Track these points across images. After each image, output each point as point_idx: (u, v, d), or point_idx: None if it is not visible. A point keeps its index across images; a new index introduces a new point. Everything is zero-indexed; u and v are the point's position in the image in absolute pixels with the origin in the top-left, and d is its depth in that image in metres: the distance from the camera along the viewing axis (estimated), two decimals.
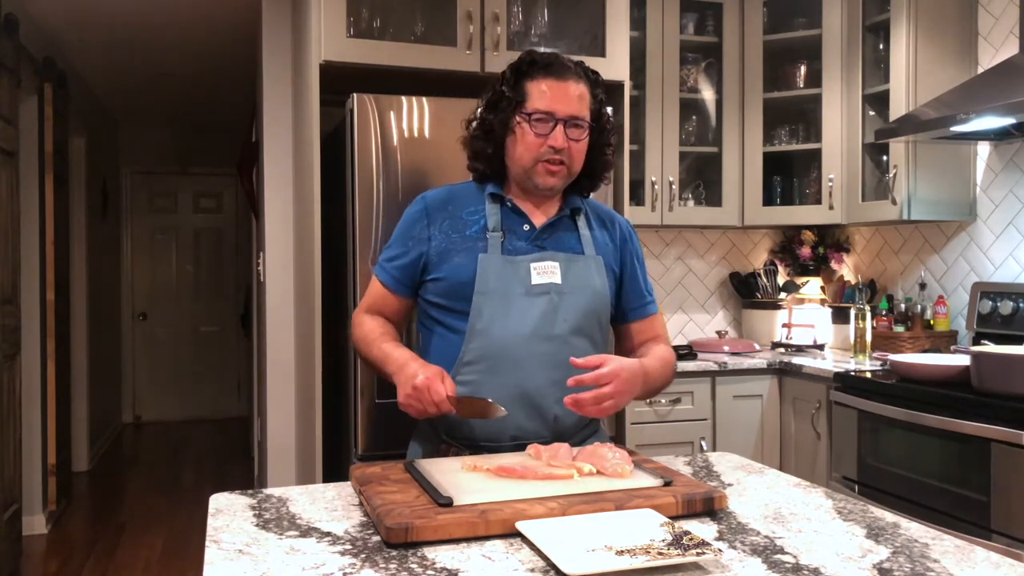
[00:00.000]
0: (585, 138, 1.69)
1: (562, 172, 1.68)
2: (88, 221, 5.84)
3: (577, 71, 1.69)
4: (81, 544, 4.36)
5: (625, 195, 3.05)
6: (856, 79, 3.45)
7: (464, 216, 1.72)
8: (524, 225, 1.71)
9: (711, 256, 4.09)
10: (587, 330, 1.70)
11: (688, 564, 1.06)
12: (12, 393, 3.86)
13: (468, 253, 1.67)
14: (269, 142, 3.70)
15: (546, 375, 1.62)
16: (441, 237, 1.70)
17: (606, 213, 1.85)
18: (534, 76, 1.67)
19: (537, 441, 1.61)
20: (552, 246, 1.71)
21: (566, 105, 1.65)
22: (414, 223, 1.74)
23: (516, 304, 1.64)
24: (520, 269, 1.66)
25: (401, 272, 1.74)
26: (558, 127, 1.65)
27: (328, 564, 1.09)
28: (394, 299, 1.76)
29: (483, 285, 1.64)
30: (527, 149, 1.66)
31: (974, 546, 1.16)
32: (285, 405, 3.66)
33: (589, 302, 1.69)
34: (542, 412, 1.64)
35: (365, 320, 1.78)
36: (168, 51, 5.12)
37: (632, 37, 3.20)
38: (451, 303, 1.67)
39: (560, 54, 1.72)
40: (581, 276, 1.69)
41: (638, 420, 3.21)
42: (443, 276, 1.68)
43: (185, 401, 7.79)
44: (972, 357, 2.50)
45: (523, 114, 1.66)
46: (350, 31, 2.80)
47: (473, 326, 1.64)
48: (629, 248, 1.82)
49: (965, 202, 3.30)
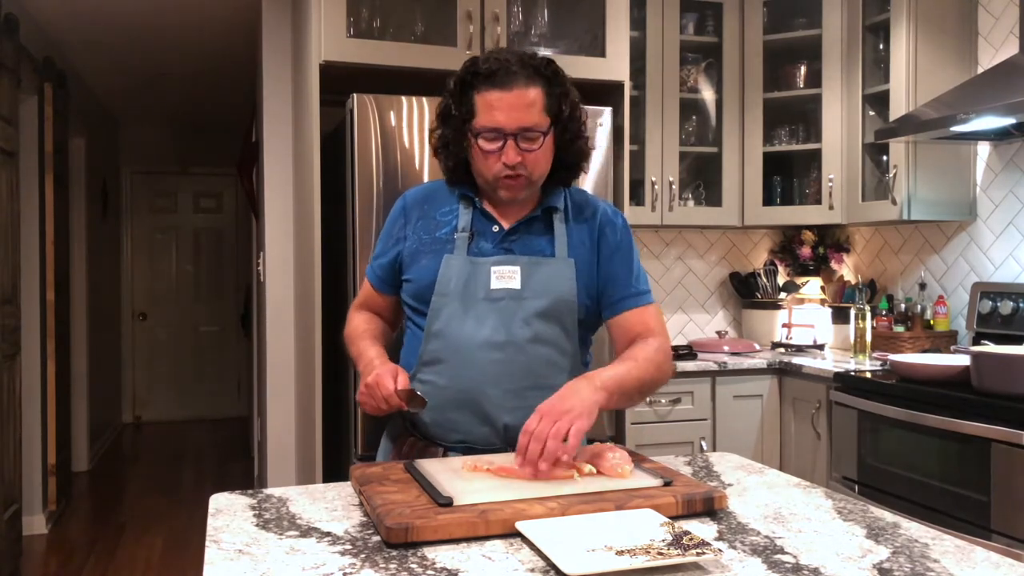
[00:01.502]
0: (541, 146, 1.58)
1: (522, 183, 1.60)
2: (88, 221, 5.84)
3: (526, 73, 1.56)
4: (81, 544, 4.36)
5: (625, 195, 3.06)
6: (856, 79, 3.45)
7: (438, 216, 1.69)
8: (493, 227, 1.66)
9: (711, 256, 4.09)
10: (549, 337, 1.62)
11: (688, 564, 1.06)
12: (12, 393, 3.86)
13: (435, 255, 1.64)
14: (269, 142, 3.70)
15: (498, 382, 1.58)
16: (414, 238, 1.68)
17: (589, 204, 1.72)
18: (479, 88, 1.56)
19: (485, 448, 1.58)
20: (519, 249, 1.64)
21: (515, 118, 1.54)
22: (394, 222, 1.74)
23: (474, 308, 1.60)
24: (481, 272, 1.61)
25: (383, 271, 1.74)
26: (509, 143, 1.55)
27: (328, 564, 1.09)
28: (379, 297, 1.77)
29: (443, 287, 1.61)
30: (482, 167, 1.60)
31: (974, 546, 1.16)
32: (285, 405, 3.66)
33: (550, 308, 1.61)
34: (491, 420, 1.60)
35: (354, 316, 1.80)
36: (168, 51, 5.12)
37: (632, 37, 3.20)
38: (419, 304, 1.66)
39: (508, 58, 1.57)
40: (545, 280, 1.62)
41: (638, 420, 3.21)
42: (412, 278, 1.67)
43: (185, 401, 7.80)
44: (972, 357, 2.50)
45: (472, 132, 1.58)
46: (350, 31, 2.80)
47: (430, 327, 1.62)
48: (607, 239, 1.69)
49: (965, 202, 3.30)
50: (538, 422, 1.38)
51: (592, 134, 2.94)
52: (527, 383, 1.60)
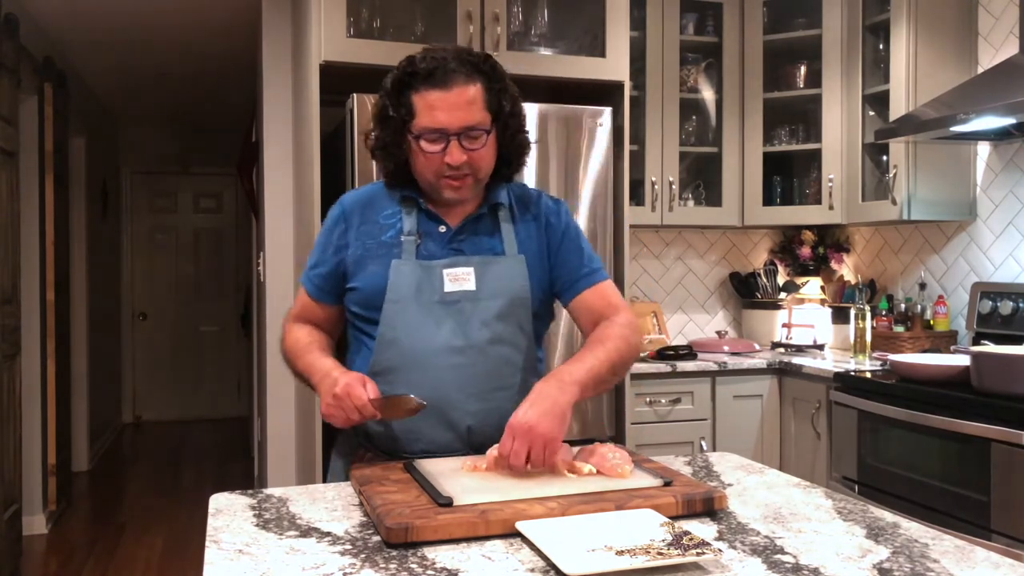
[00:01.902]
0: (484, 144, 1.56)
1: (467, 183, 1.57)
2: (88, 221, 5.84)
3: (465, 71, 1.53)
4: (81, 544, 4.36)
5: (625, 195, 3.06)
6: (856, 79, 3.45)
7: (381, 220, 1.63)
8: (440, 227, 1.62)
9: (711, 256, 4.09)
10: (507, 337, 1.60)
11: (688, 564, 1.06)
12: (12, 393, 3.86)
13: (382, 260, 1.59)
14: (269, 142, 3.70)
15: (459, 387, 1.55)
16: (357, 244, 1.62)
17: (531, 197, 1.71)
18: (417, 88, 1.53)
19: (449, 455, 1.55)
20: (469, 248, 1.62)
21: (457, 117, 1.52)
22: (332, 229, 1.66)
23: (429, 313, 1.56)
24: (433, 276, 1.57)
25: (322, 280, 1.67)
26: (452, 143, 1.52)
27: (328, 564, 1.09)
28: (319, 308, 1.69)
29: (395, 293, 1.56)
30: (424, 168, 1.56)
31: (974, 546, 1.16)
32: (285, 405, 3.66)
33: (506, 307, 1.60)
34: (454, 424, 1.57)
35: (293, 329, 1.71)
36: (168, 51, 5.12)
37: (632, 37, 3.20)
38: (367, 312, 1.60)
39: (446, 56, 1.53)
40: (499, 279, 1.60)
41: (638, 420, 3.21)
42: (359, 286, 1.61)
43: (185, 401, 7.79)
44: (972, 357, 2.50)
45: (412, 133, 1.54)
46: (350, 31, 2.80)
47: (383, 335, 1.57)
48: (553, 229, 1.68)
49: (965, 202, 3.30)
50: (511, 443, 1.36)
51: (592, 134, 2.97)
52: (488, 385, 1.58)
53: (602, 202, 3.00)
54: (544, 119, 2.91)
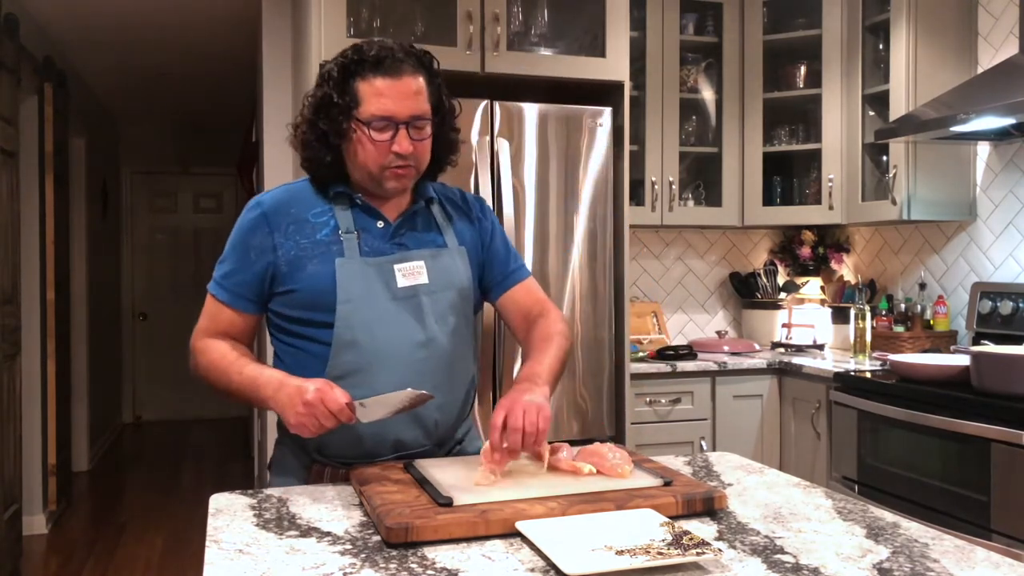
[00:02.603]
0: (429, 135, 1.56)
1: (410, 174, 1.56)
2: (88, 221, 5.84)
3: (410, 61, 1.52)
4: (81, 544, 4.36)
5: (625, 195, 3.05)
6: (856, 79, 3.45)
7: (311, 219, 1.56)
8: (378, 223, 1.58)
9: (711, 256, 4.09)
10: (460, 328, 1.61)
11: (688, 564, 1.06)
12: (12, 393, 3.86)
13: (323, 259, 1.52)
14: (269, 142, 3.70)
15: (422, 381, 1.48)
16: (289, 244, 1.54)
17: (455, 193, 1.73)
18: (365, 75, 1.51)
19: (418, 450, 1.55)
20: (412, 242, 1.59)
21: (406, 106, 1.50)
22: (252, 232, 1.56)
23: (384, 310, 1.52)
24: (383, 272, 1.54)
25: (243, 287, 1.57)
26: (401, 131, 1.50)
27: (328, 564, 1.09)
28: (238, 318, 1.59)
29: (346, 293, 1.51)
30: (369, 158, 1.52)
31: (974, 546, 1.16)
32: None
33: (457, 299, 1.60)
34: (422, 420, 1.55)
35: (210, 345, 1.58)
36: (168, 51, 5.12)
37: (632, 37, 3.20)
38: (309, 315, 1.54)
39: (393, 47, 1.53)
40: (447, 272, 1.60)
41: (638, 420, 3.21)
42: (297, 287, 1.53)
43: (185, 401, 7.78)
44: (972, 357, 2.50)
45: (359, 121, 1.51)
46: (350, 31, 2.80)
47: (340, 337, 1.50)
48: (486, 224, 1.71)
49: (965, 202, 3.30)
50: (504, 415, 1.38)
51: (592, 134, 2.97)
52: (448, 377, 1.59)
53: (602, 202, 3.00)
54: (544, 119, 2.91)
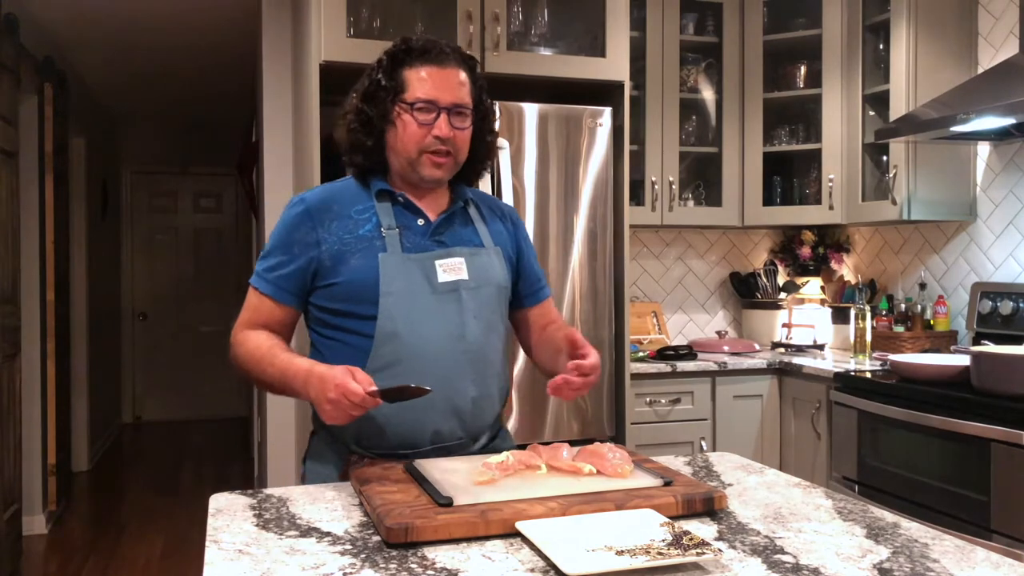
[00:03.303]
0: (469, 126, 1.62)
1: (448, 163, 1.61)
2: (88, 221, 5.84)
3: (456, 57, 1.61)
4: (81, 544, 4.36)
5: (625, 195, 3.05)
6: (856, 79, 3.45)
7: (353, 215, 1.61)
8: (419, 220, 1.63)
9: (711, 256, 4.09)
10: (495, 325, 1.66)
11: (688, 564, 1.06)
12: (12, 393, 3.86)
13: (365, 253, 1.57)
14: (269, 142, 3.70)
15: (463, 374, 1.57)
16: (332, 239, 1.58)
17: (493, 202, 1.80)
18: (412, 63, 1.60)
19: (454, 442, 1.60)
20: (452, 240, 1.65)
21: (448, 93, 1.58)
22: (296, 227, 1.60)
23: (425, 304, 1.57)
24: (425, 267, 1.59)
25: (286, 281, 1.60)
26: (442, 116, 1.57)
27: (328, 564, 1.09)
28: (279, 311, 1.63)
29: (388, 286, 1.55)
30: (411, 140, 1.58)
31: (974, 546, 1.16)
32: (285, 405, 3.66)
33: (495, 296, 1.66)
34: (460, 412, 1.59)
35: (248, 337, 1.62)
36: (168, 51, 5.12)
37: (632, 37, 3.20)
38: (351, 307, 1.57)
39: (438, 41, 1.62)
40: (485, 269, 1.65)
41: (638, 420, 3.21)
42: (341, 280, 1.57)
43: (185, 401, 7.79)
44: (972, 357, 2.50)
45: (403, 104, 1.59)
46: (350, 31, 2.80)
47: (383, 329, 1.54)
48: (521, 234, 1.79)
49: (965, 202, 3.30)
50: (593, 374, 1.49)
51: (592, 134, 2.97)
52: (483, 371, 1.63)
53: (602, 202, 3.00)
54: (544, 119, 2.91)
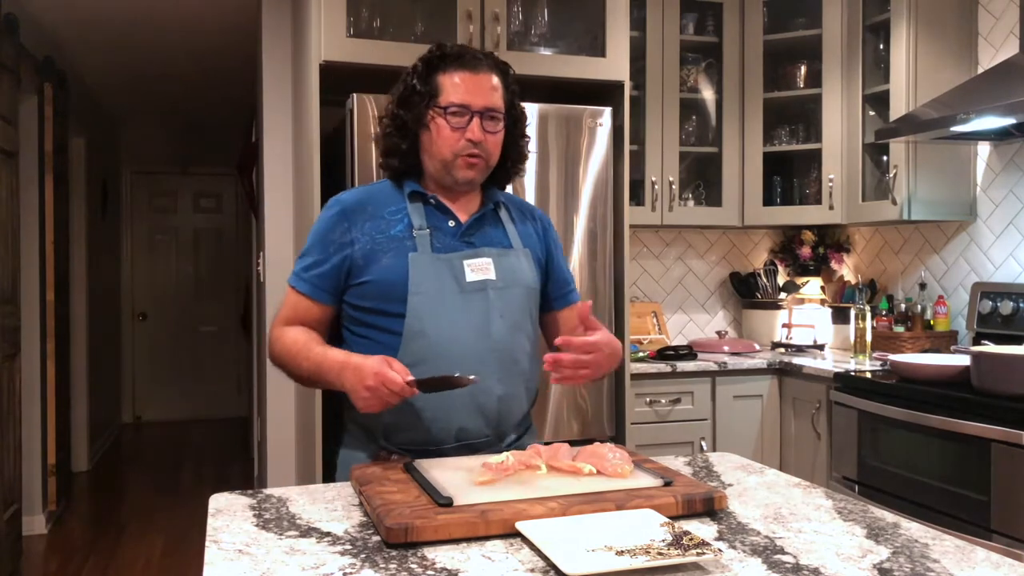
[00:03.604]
0: (501, 130, 1.66)
1: (481, 165, 1.65)
2: (88, 221, 5.84)
3: (488, 62, 1.66)
4: (81, 544, 4.36)
5: (625, 195, 3.05)
6: (856, 79, 3.45)
7: (386, 216, 1.66)
8: (449, 221, 1.68)
9: (711, 256, 4.09)
10: (522, 325, 1.68)
11: (688, 564, 1.06)
12: (12, 393, 3.86)
13: (396, 253, 1.62)
14: (269, 142, 3.70)
15: (488, 373, 1.59)
16: (365, 239, 1.63)
17: (523, 204, 1.84)
18: (446, 69, 1.64)
19: (480, 440, 1.62)
20: (481, 241, 1.68)
21: (481, 97, 1.62)
22: (332, 227, 1.66)
23: (452, 303, 1.61)
24: (453, 267, 1.62)
25: (322, 279, 1.65)
26: (474, 120, 1.62)
27: (328, 564, 1.09)
28: (316, 308, 1.67)
29: (417, 285, 1.59)
30: (444, 143, 1.63)
31: (974, 546, 1.16)
32: (285, 405, 3.66)
33: (523, 297, 1.69)
34: (485, 410, 1.62)
35: (285, 333, 1.68)
36: (168, 51, 5.12)
37: (632, 37, 3.19)
38: (381, 305, 1.62)
39: (471, 48, 1.69)
40: (513, 271, 1.68)
41: (638, 420, 3.21)
42: (372, 279, 1.62)
43: (185, 401, 7.79)
44: (972, 357, 2.50)
45: (437, 108, 1.63)
46: (350, 31, 2.80)
47: (410, 327, 1.59)
48: (551, 237, 1.82)
49: (965, 202, 3.30)
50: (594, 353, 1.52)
51: (592, 134, 2.96)
52: (509, 370, 1.65)
53: (602, 202, 3.00)
54: (544, 119, 2.91)
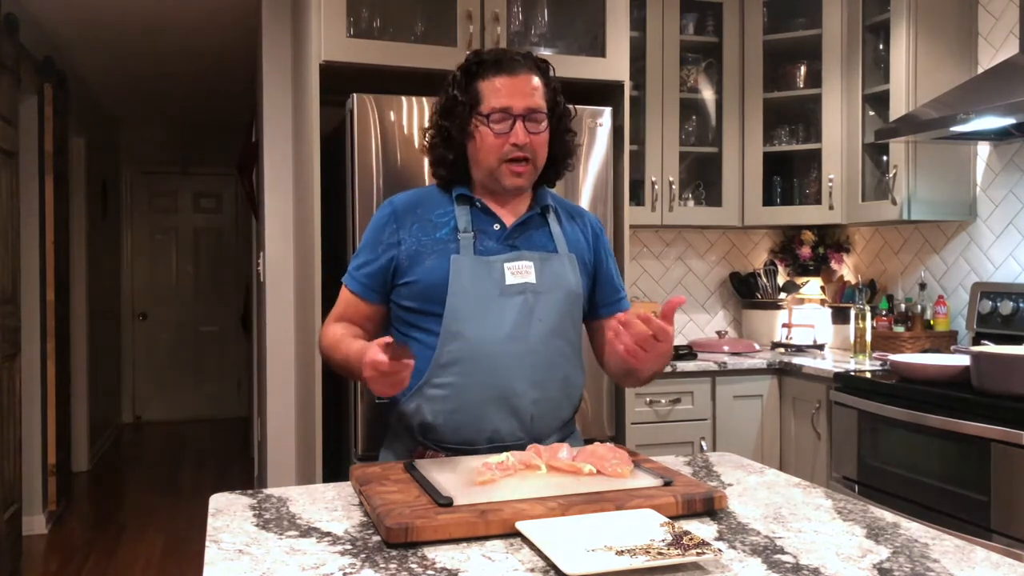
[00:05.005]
0: (545, 130, 1.67)
1: (528, 171, 1.66)
2: (88, 221, 5.84)
3: (527, 63, 1.67)
4: (81, 544, 4.36)
5: (625, 195, 3.05)
6: (856, 79, 3.45)
7: (434, 219, 1.69)
8: (495, 225, 1.69)
9: (711, 256, 4.09)
10: (562, 330, 1.68)
11: (688, 564, 1.06)
12: (12, 393, 3.86)
13: (440, 255, 1.64)
14: (269, 142, 3.70)
15: (523, 376, 1.61)
16: (411, 240, 1.66)
17: (575, 209, 1.84)
18: (485, 75, 1.65)
19: (513, 443, 1.61)
20: (524, 245, 1.69)
21: (522, 99, 1.63)
22: (383, 228, 1.70)
23: (491, 305, 1.62)
24: (494, 269, 1.63)
25: (371, 279, 1.69)
26: (517, 123, 1.62)
27: (328, 564, 1.09)
28: (365, 306, 1.71)
29: (457, 286, 1.61)
30: (489, 151, 1.64)
31: (974, 546, 1.16)
32: (285, 405, 3.66)
33: (564, 301, 1.68)
34: (519, 413, 1.62)
35: (330, 328, 1.72)
36: (168, 51, 5.12)
37: (632, 37, 3.20)
38: (424, 306, 1.64)
39: (508, 51, 1.70)
40: (555, 275, 1.67)
41: (638, 420, 3.21)
42: (415, 279, 1.65)
43: (185, 401, 7.79)
44: (972, 357, 2.50)
45: (480, 116, 1.64)
46: (350, 31, 2.80)
47: (448, 328, 1.60)
48: (602, 243, 1.81)
49: (965, 202, 3.30)
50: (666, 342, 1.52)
51: (592, 134, 2.96)
52: (546, 375, 1.65)
53: (602, 202, 3.00)
54: None
